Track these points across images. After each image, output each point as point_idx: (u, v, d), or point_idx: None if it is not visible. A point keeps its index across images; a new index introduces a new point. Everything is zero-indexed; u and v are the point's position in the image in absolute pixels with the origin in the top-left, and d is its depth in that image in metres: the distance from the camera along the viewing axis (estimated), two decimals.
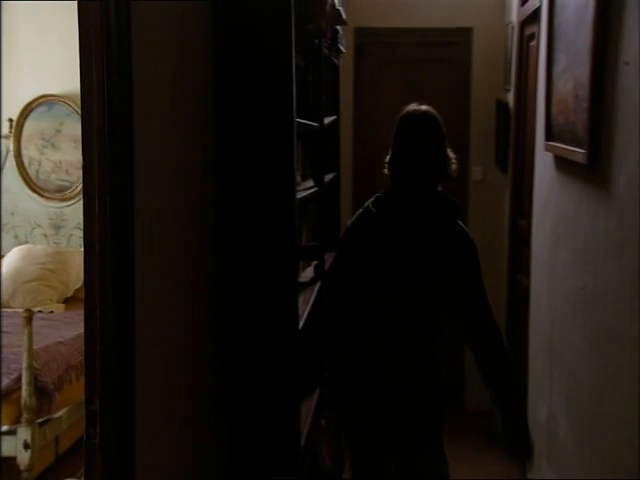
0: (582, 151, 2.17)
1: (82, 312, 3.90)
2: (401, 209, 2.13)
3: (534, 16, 3.15)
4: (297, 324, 2.00)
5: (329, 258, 2.99)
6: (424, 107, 2.17)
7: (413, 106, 2.20)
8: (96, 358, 1.40)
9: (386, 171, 2.24)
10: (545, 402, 2.80)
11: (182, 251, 1.68)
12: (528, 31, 3.44)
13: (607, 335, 1.99)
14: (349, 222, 2.25)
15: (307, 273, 2.74)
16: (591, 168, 2.14)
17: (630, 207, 1.79)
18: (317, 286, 2.62)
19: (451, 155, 2.16)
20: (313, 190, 2.52)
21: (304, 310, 2.23)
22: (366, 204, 2.21)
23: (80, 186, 4.36)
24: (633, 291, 1.73)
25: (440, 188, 2.18)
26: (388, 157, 2.23)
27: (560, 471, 2.55)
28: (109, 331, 1.38)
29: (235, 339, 1.95)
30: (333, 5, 2.54)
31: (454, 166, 2.17)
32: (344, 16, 2.70)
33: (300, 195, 2.15)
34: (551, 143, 2.65)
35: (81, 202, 4.35)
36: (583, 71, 2.17)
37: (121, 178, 1.37)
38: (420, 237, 2.10)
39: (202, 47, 1.82)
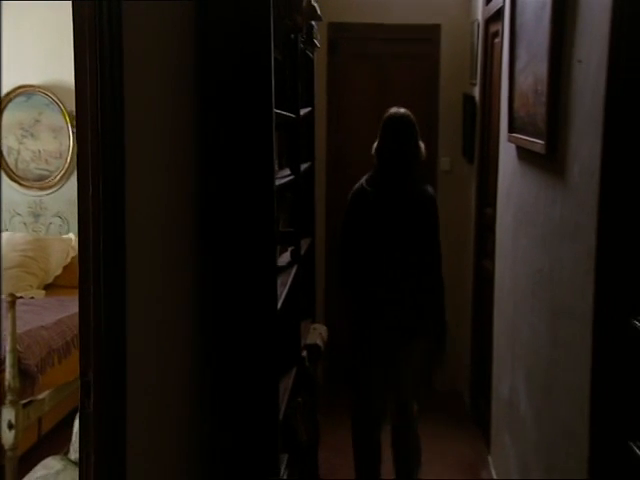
0: (541, 142, 2.30)
1: (62, 298, 3.97)
2: (388, 184, 2.94)
3: (498, 15, 3.29)
4: (276, 305, 2.09)
5: (304, 244, 3.11)
6: (402, 110, 2.95)
7: (394, 109, 2.96)
8: (90, 333, 1.49)
9: (374, 156, 3.00)
10: (507, 378, 2.96)
11: (169, 234, 1.77)
12: (492, 29, 3.58)
13: (561, 312, 2.14)
14: (350, 195, 3.04)
15: (284, 258, 2.81)
16: (549, 158, 2.27)
17: (583, 194, 1.92)
18: (294, 270, 2.72)
19: (421, 145, 2.97)
20: (290, 178, 2.60)
21: (282, 292, 2.31)
22: (361, 182, 3.03)
23: (59, 175, 4.42)
24: (585, 272, 1.87)
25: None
26: (375, 146, 2.99)
27: (519, 441, 2.72)
28: (102, 308, 1.47)
29: (218, 318, 2.02)
30: (309, 2, 2.65)
31: (424, 152, 2.98)
32: (319, 12, 2.81)
33: (278, 183, 2.20)
34: (513, 135, 2.77)
35: (60, 191, 4.41)
36: (542, 68, 2.30)
37: (113, 166, 1.45)
38: (402, 203, 2.92)
39: (186, 43, 1.90)
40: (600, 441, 1.72)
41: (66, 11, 3.37)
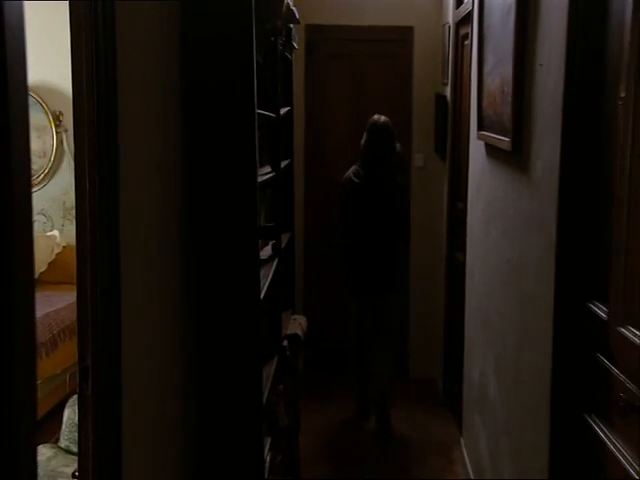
0: (507, 140, 2.42)
1: (48, 294, 4.03)
2: (369, 176, 3.75)
3: (467, 18, 3.42)
4: (259, 296, 2.17)
5: (284, 238, 3.22)
6: (383, 118, 3.78)
7: (376, 116, 3.80)
8: (87, 321, 1.59)
9: (360, 153, 3.81)
10: (478, 363, 3.11)
11: (159, 228, 1.87)
12: (463, 31, 3.71)
13: (527, 299, 2.28)
14: (341, 183, 3.85)
15: (266, 251, 2.91)
16: (515, 155, 2.40)
17: (546, 188, 2.05)
18: (275, 263, 2.83)
19: (398, 145, 3.81)
20: (270, 175, 2.68)
21: (264, 283, 2.38)
22: (348, 173, 3.82)
23: (43, 174, 4.48)
24: (547, 260, 2.01)
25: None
26: (362, 142, 3.78)
27: (489, 423, 2.87)
28: (98, 296, 1.56)
29: (204, 308, 2.11)
30: (288, 6, 2.76)
31: (399, 150, 3.83)
32: (297, 16, 2.92)
33: (259, 180, 2.26)
34: (482, 132, 2.89)
35: (44, 189, 4.46)
36: (507, 70, 2.42)
37: (108, 163, 1.54)
38: (380, 189, 3.77)
39: (173, 48, 2.01)
40: (559, 415, 1.87)
41: (49, 12, 3.45)
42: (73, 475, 1.78)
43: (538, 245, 2.15)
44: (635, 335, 1.45)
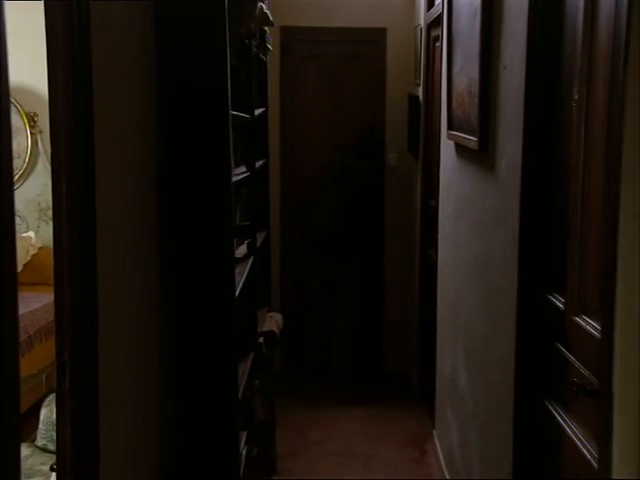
0: (475, 139, 2.50)
1: (23, 295, 4.04)
2: None
3: (438, 21, 3.50)
4: (234, 293, 2.21)
5: (260, 237, 3.28)
6: None
7: None
8: (65, 317, 1.63)
9: None
10: (449, 356, 3.19)
11: (135, 227, 1.91)
12: (434, 33, 3.79)
13: (493, 292, 2.37)
14: None
15: (241, 250, 2.96)
16: (481, 154, 2.49)
17: (510, 185, 2.13)
18: (250, 261, 2.88)
19: None
20: (245, 175, 2.72)
21: (239, 281, 2.42)
22: None
23: (17, 175, 4.47)
24: (511, 254, 2.09)
25: None
26: None
27: (459, 414, 2.95)
28: (76, 294, 1.60)
29: (180, 305, 2.15)
30: (261, 9, 2.82)
31: None
32: (271, 18, 2.97)
33: (234, 179, 2.31)
34: (452, 132, 2.97)
35: (18, 190, 4.44)
36: (474, 72, 2.50)
37: (84, 163, 1.58)
38: None
39: (147, 48, 2.05)
40: (522, 402, 1.95)
41: (22, 12, 3.44)
42: (51, 468, 1.82)
43: (503, 240, 2.23)
44: (588, 324, 1.53)
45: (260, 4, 2.76)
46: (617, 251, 1.25)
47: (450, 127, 3.03)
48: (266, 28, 3.08)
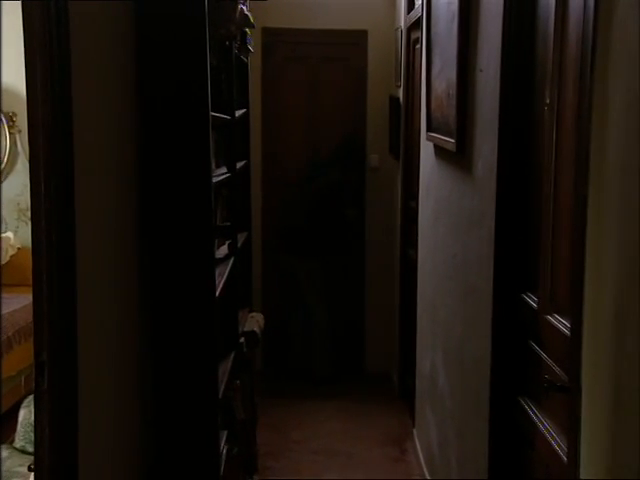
0: (453, 141, 2.53)
1: (4, 295, 3.98)
2: None
3: (418, 23, 3.54)
4: (214, 293, 2.22)
5: (241, 237, 3.29)
6: None
7: None
8: (44, 317, 1.64)
9: None
10: (428, 355, 3.23)
11: (115, 228, 1.92)
12: (414, 36, 3.82)
13: (470, 292, 2.40)
14: None
15: (222, 250, 2.97)
16: (459, 155, 2.52)
17: (486, 186, 2.17)
18: (231, 262, 2.89)
19: None
20: (226, 176, 2.73)
21: (220, 282, 2.44)
22: None
23: None
24: (487, 254, 2.14)
25: None
26: None
27: (438, 412, 2.99)
28: (54, 293, 1.61)
29: (161, 305, 2.15)
30: (242, 11, 2.83)
31: None
32: (252, 20, 2.99)
33: (215, 180, 2.33)
34: (431, 134, 3.00)
35: None
36: (452, 74, 2.53)
37: (63, 165, 1.58)
38: None
39: (127, 49, 2.05)
40: (497, 399, 1.99)
41: None
42: (29, 468, 1.82)
43: (479, 240, 2.26)
44: (560, 322, 1.57)
45: (241, 6, 2.78)
46: (585, 252, 1.28)
47: (429, 129, 3.06)
48: (247, 29, 3.10)
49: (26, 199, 4.53)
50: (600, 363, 1.24)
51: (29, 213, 1.62)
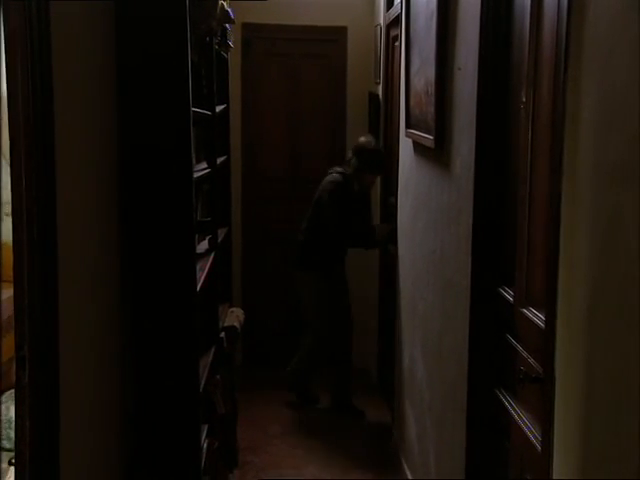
0: (431, 137, 2.56)
1: None
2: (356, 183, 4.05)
3: (397, 21, 3.56)
4: (195, 288, 2.24)
5: (221, 232, 3.30)
6: (373, 142, 4.03)
7: (367, 140, 4.03)
8: (24, 311, 1.64)
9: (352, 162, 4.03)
10: (407, 349, 3.27)
11: (96, 222, 1.93)
12: (393, 33, 3.85)
13: (449, 287, 2.44)
14: (337, 191, 3.97)
15: (202, 245, 2.97)
16: (437, 152, 2.55)
17: (464, 183, 2.20)
18: (211, 257, 2.90)
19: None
20: (207, 171, 2.74)
21: (201, 277, 2.45)
22: (339, 180, 4.00)
23: None
24: (465, 250, 2.18)
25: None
26: (352, 164, 4.02)
27: (417, 405, 3.03)
28: (35, 287, 1.61)
29: (142, 300, 2.16)
30: (222, 7, 2.84)
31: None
32: (232, 16, 2.99)
33: (196, 176, 2.34)
34: (410, 130, 3.03)
35: None
36: (431, 72, 2.56)
37: (44, 162, 1.59)
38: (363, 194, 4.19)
39: (108, 45, 2.06)
40: (474, 391, 2.03)
41: None
42: (10, 462, 1.82)
43: (457, 236, 2.30)
44: (535, 315, 1.61)
45: (221, 2, 2.79)
46: (559, 248, 1.32)
47: (408, 125, 3.09)
48: (227, 25, 3.10)
49: (7, 193, 4.45)
50: (573, 354, 1.28)
51: (8, 208, 1.61)
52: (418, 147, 2.99)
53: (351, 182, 4.03)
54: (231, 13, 2.94)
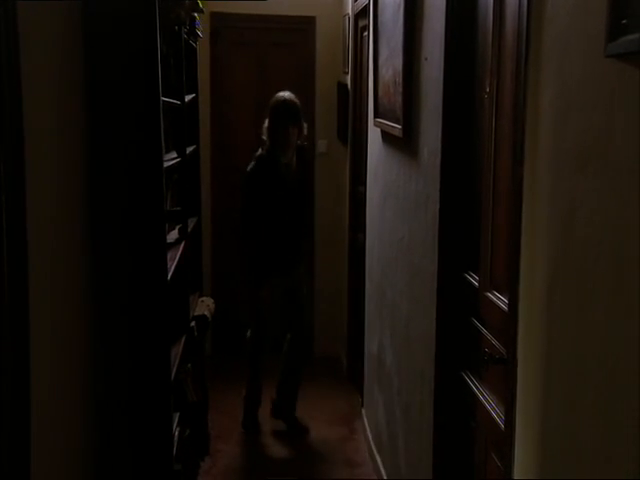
0: (399, 127, 2.61)
1: None
2: (279, 160, 3.59)
3: (365, 11, 3.59)
4: (166, 277, 2.25)
5: (191, 222, 3.31)
6: (287, 94, 3.59)
7: (281, 93, 3.61)
8: None
9: (264, 136, 3.60)
10: (376, 336, 3.32)
11: (65, 215, 1.92)
12: (361, 23, 3.87)
13: (416, 273, 2.49)
14: (250, 170, 3.60)
15: (172, 235, 2.98)
16: (405, 141, 2.59)
17: (431, 171, 2.24)
18: (181, 246, 2.90)
19: (305, 125, 3.67)
20: (176, 161, 2.74)
21: (171, 266, 2.45)
22: (254, 162, 3.59)
23: None
24: (432, 237, 2.23)
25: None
26: (265, 127, 3.59)
27: (385, 391, 3.09)
28: (5, 281, 1.61)
29: (112, 290, 2.16)
30: None
31: (306, 129, 3.69)
32: (201, 5, 2.99)
33: (166, 165, 2.34)
34: (378, 120, 3.06)
35: None
36: (398, 62, 2.60)
37: (14, 155, 1.58)
38: (291, 175, 3.66)
39: (76, 36, 2.04)
40: (441, 374, 2.09)
41: None
42: None
43: (424, 223, 2.35)
44: (498, 299, 1.67)
45: None
46: (521, 234, 1.37)
47: (377, 115, 3.13)
48: (196, 14, 3.10)
49: None
50: (534, 336, 1.34)
51: None
52: (387, 136, 3.03)
53: (273, 156, 3.54)
54: (199, 3, 2.94)
